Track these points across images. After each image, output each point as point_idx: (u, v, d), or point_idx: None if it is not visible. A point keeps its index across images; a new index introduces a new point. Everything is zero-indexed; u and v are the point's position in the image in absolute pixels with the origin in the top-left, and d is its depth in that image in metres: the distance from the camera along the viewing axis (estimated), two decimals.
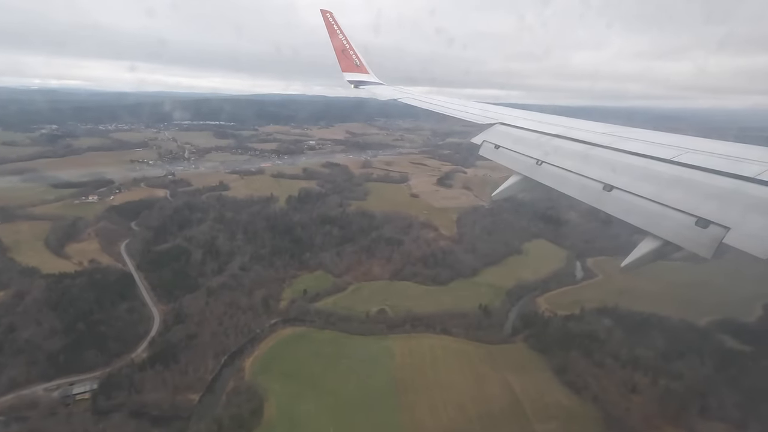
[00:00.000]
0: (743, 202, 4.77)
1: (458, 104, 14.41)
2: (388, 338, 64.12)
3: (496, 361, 58.09)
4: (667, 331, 64.24)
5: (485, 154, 9.78)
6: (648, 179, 6.00)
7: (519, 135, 9.73)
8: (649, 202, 5.61)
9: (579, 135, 8.32)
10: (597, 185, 6.50)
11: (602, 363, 54.46)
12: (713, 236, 4.58)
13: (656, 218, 5.38)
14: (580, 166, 7.15)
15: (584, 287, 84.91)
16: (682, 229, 4.96)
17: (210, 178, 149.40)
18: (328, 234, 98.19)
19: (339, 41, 19.33)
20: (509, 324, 69.39)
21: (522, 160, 8.52)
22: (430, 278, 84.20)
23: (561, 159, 7.67)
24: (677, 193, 5.43)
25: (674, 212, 5.20)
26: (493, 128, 10.63)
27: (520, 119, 10.90)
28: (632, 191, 5.97)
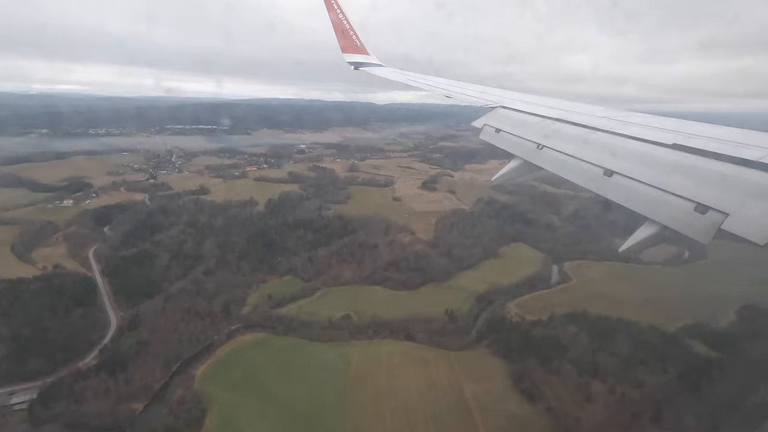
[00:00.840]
0: (743, 187, 4.70)
1: (458, 86, 14.05)
2: (348, 345, 62.74)
3: (455, 368, 56.68)
4: (633, 337, 62.81)
5: (486, 138, 9.61)
6: (648, 164, 5.90)
7: (520, 119, 9.54)
8: (649, 188, 5.50)
9: (580, 119, 8.16)
10: (597, 170, 6.35)
11: (560, 370, 52.97)
12: (712, 222, 4.52)
13: (655, 203, 5.29)
14: (580, 150, 7.02)
15: (557, 292, 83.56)
16: (680, 215, 4.90)
17: (192, 181, 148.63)
18: (301, 238, 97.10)
19: (338, 21, 18.80)
20: (476, 330, 67.86)
21: (522, 144, 8.28)
22: (401, 283, 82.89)
23: (561, 143, 7.52)
24: (677, 179, 5.36)
25: (673, 197, 5.13)
26: (494, 112, 10.33)
27: (521, 102, 10.64)
28: (632, 176, 5.85)
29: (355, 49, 19.13)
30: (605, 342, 60.35)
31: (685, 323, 70.83)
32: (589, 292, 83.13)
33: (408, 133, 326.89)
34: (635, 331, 64.94)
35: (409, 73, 17.63)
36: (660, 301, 79.70)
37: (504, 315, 71.91)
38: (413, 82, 16.06)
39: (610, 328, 64.92)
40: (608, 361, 55.03)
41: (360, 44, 19.33)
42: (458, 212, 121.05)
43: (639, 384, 51.40)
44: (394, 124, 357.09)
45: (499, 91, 12.44)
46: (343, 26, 19.00)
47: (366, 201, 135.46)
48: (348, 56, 19.00)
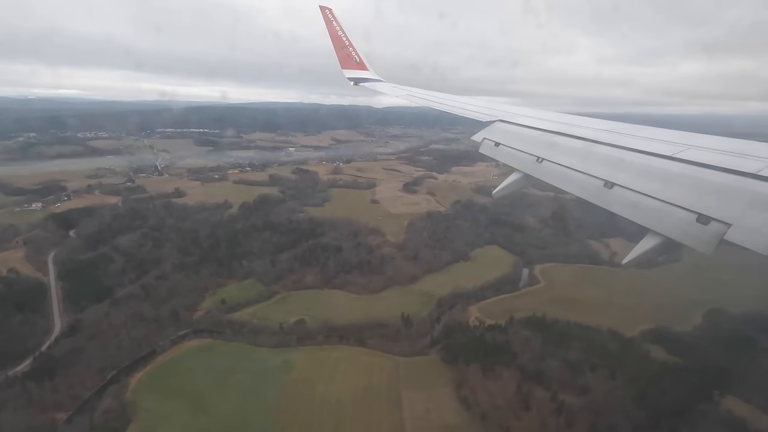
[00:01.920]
0: (745, 198, 4.66)
1: (457, 101, 14.00)
2: (295, 350, 61.11)
3: (399, 375, 54.98)
4: (588, 342, 61.06)
5: (485, 151, 9.54)
6: (649, 176, 5.86)
7: (519, 132, 9.53)
8: (650, 199, 5.45)
9: (580, 132, 8.16)
10: (598, 182, 6.30)
11: (502, 377, 51.16)
12: (714, 233, 4.52)
13: (657, 215, 5.25)
14: (580, 163, 6.98)
15: (522, 295, 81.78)
16: (683, 226, 4.90)
17: (170, 184, 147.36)
18: (267, 241, 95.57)
19: (338, 38, 19.11)
20: (430, 335, 66.06)
21: (522, 157, 8.25)
22: (362, 287, 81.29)
23: (562, 156, 7.49)
24: (678, 190, 5.32)
25: (675, 209, 5.10)
26: (493, 126, 10.30)
27: (520, 116, 10.61)
28: (633, 188, 5.78)
29: (355, 65, 19.29)
30: (558, 347, 58.58)
31: (647, 327, 69.17)
32: (554, 295, 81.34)
33: (401, 136, 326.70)
34: (592, 335, 63.24)
35: (407, 88, 17.71)
36: (626, 304, 78.05)
37: (462, 320, 70.16)
38: (412, 98, 16.09)
39: (566, 332, 63.23)
40: (556, 367, 53.20)
41: (359, 60, 19.48)
42: (433, 214, 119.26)
43: (582, 391, 49.57)
44: (389, 127, 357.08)
45: (498, 105, 12.36)
46: (343, 43, 19.17)
47: (343, 203, 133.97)
48: (347, 72, 19.12)
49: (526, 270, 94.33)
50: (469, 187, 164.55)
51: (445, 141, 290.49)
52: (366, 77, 19.14)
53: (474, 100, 13.70)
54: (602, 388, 49.90)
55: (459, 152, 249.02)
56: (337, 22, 19.01)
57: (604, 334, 63.70)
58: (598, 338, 62.24)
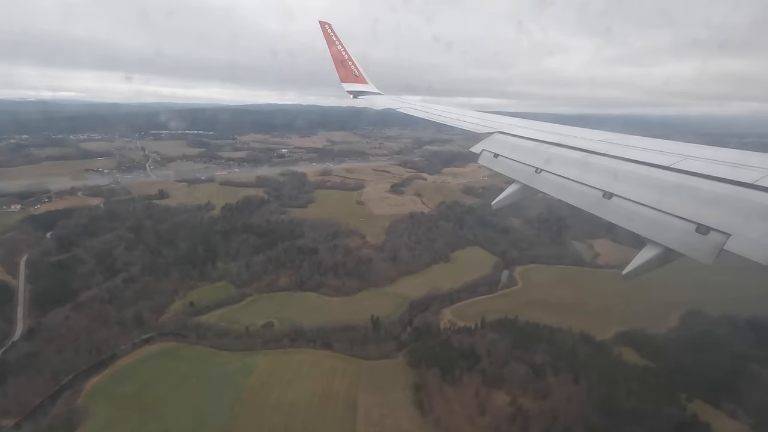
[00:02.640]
0: (744, 208, 4.66)
1: (455, 113, 14.17)
2: (259, 354, 60.00)
3: (361, 379, 53.85)
4: (558, 345, 59.82)
5: (484, 163, 9.55)
6: (647, 186, 5.83)
7: (517, 144, 9.59)
8: (649, 209, 5.40)
9: (578, 143, 8.20)
10: (596, 193, 6.32)
11: (460, 381, 49.94)
12: (714, 243, 4.50)
13: (656, 225, 5.19)
14: (579, 173, 7.00)
15: (498, 297, 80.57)
16: (682, 236, 4.82)
17: (155, 186, 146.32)
18: (244, 243, 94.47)
19: (338, 52, 19.51)
20: (398, 338, 64.85)
21: (521, 168, 8.28)
22: (336, 289, 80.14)
23: (560, 167, 7.54)
24: (677, 200, 5.30)
25: (674, 219, 5.05)
26: (491, 137, 10.37)
27: (518, 128, 10.73)
28: (632, 198, 5.74)
29: (354, 79, 19.69)
30: (525, 350, 57.34)
31: (622, 329, 67.97)
32: (531, 297, 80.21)
33: (396, 137, 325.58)
34: (562, 338, 61.92)
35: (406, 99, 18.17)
36: (604, 306, 76.91)
37: (434, 322, 68.98)
38: (410, 110, 16.21)
39: (535, 335, 61.96)
40: (518, 371, 51.96)
41: (359, 73, 19.91)
42: (416, 216, 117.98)
43: (543, 395, 48.35)
44: (386, 129, 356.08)
45: (496, 117, 12.46)
46: (342, 57, 19.53)
47: (327, 205, 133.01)
48: (347, 85, 19.55)
49: (507, 272, 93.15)
50: (457, 188, 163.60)
51: (439, 142, 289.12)
52: (365, 90, 19.73)
53: (471, 112, 13.91)
54: (564, 392, 48.65)
55: (451, 153, 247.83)
56: (336, 37, 19.35)
57: (574, 337, 62.41)
58: (568, 341, 60.96)
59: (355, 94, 19.56)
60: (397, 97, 19.01)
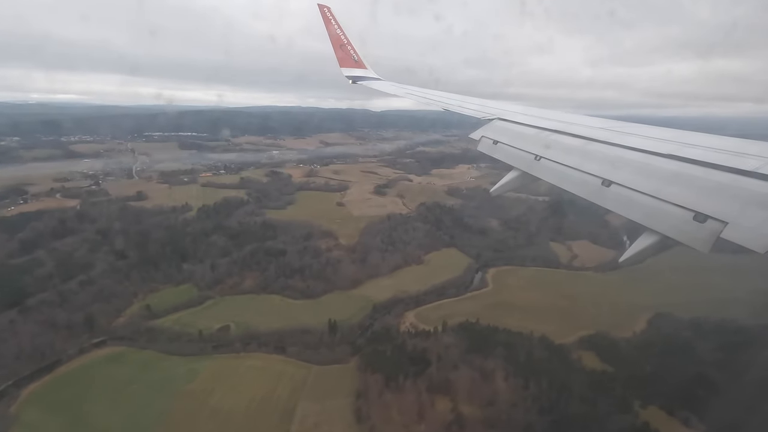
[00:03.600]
0: (741, 196, 4.67)
1: (456, 99, 13.94)
2: (209, 358, 58.57)
3: (306, 385, 52.35)
4: (514, 349, 58.09)
5: (483, 149, 9.41)
6: (646, 174, 5.82)
7: (517, 131, 9.48)
8: (648, 197, 5.42)
9: (577, 130, 8.06)
10: (596, 180, 6.24)
11: (403, 387, 48.31)
12: (711, 231, 4.52)
13: (654, 213, 5.21)
14: (578, 161, 6.92)
15: (465, 300, 78.95)
16: (680, 224, 4.85)
17: (136, 187, 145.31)
18: (213, 245, 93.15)
19: (337, 36, 18.94)
20: (353, 342, 63.25)
21: (520, 155, 8.23)
22: (300, 291, 78.62)
23: (559, 154, 7.46)
24: (675, 188, 5.31)
25: (672, 207, 5.08)
26: (491, 124, 10.26)
27: (518, 114, 10.58)
28: (630, 186, 5.76)
29: (353, 64, 19.17)
30: (479, 355, 55.66)
31: (587, 333, 66.28)
32: (499, 299, 78.66)
33: (392, 139, 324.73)
34: (520, 342, 60.21)
35: (406, 86, 17.54)
36: (573, 308, 75.38)
37: (392, 326, 67.39)
38: (410, 95, 15.93)
39: (493, 339, 60.23)
40: (467, 376, 50.29)
41: (358, 58, 19.38)
42: (393, 217, 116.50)
43: (488, 402, 46.69)
44: (383, 130, 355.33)
45: (496, 104, 12.36)
46: (341, 41, 19.05)
47: (307, 206, 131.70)
48: (346, 70, 19.01)
49: (479, 274, 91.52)
50: (441, 189, 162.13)
51: (434, 143, 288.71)
52: (364, 75, 19.11)
53: (472, 99, 13.64)
54: (510, 398, 46.99)
55: (443, 154, 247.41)
56: (335, 21, 18.88)
57: (533, 341, 60.73)
58: (525, 345, 59.27)
59: (355, 79, 18.85)
60: (397, 84, 18.26)
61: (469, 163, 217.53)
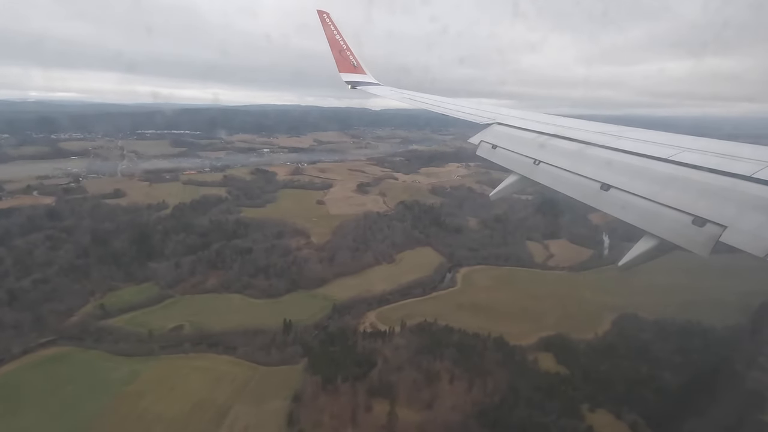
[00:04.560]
0: (739, 200, 4.69)
1: (453, 103, 14.04)
2: (154, 360, 57.13)
3: (247, 387, 51.00)
4: (467, 350, 56.57)
5: (482, 154, 9.26)
6: (644, 178, 5.87)
7: (516, 135, 9.43)
8: (646, 201, 5.45)
9: (576, 134, 8.04)
10: (594, 184, 6.24)
11: (345, 390, 46.83)
12: (710, 235, 4.53)
13: (653, 217, 5.25)
14: (577, 165, 6.95)
15: (430, 299, 77.44)
16: (678, 228, 4.86)
17: (117, 185, 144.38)
18: (181, 243, 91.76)
19: (336, 42, 19.14)
20: (304, 343, 61.75)
21: (519, 160, 8.18)
22: (263, 291, 77.21)
23: (558, 158, 7.47)
24: (673, 192, 5.34)
25: (670, 211, 5.10)
26: (490, 128, 10.26)
27: (517, 119, 10.61)
28: (629, 190, 5.79)
29: (352, 69, 19.35)
30: (428, 356, 54.15)
31: (548, 334, 64.78)
32: (464, 299, 77.15)
33: (387, 138, 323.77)
34: (475, 343, 58.73)
35: (404, 91, 17.74)
36: (539, 308, 73.83)
37: (349, 327, 65.92)
38: (408, 100, 16.07)
39: (447, 341, 58.70)
40: (410, 378, 48.81)
41: (357, 64, 19.53)
42: (369, 215, 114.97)
43: (428, 405, 45.23)
44: (379, 129, 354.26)
45: (494, 108, 12.36)
46: (340, 47, 19.19)
47: (286, 204, 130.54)
48: (345, 75, 19.19)
49: (450, 273, 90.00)
50: (425, 187, 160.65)
51: (427, 142, 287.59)
52: (363, 81, 19.29)
53: (470, 103, 13.74)
54: (451, 401, 45.49)
55: (435, 153, 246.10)
56: (334, 26, 19.00)
57: (488, 342, 59.18)
58: (481, 346, 57.76)
59: (354, 84, 19.05)
60: (396, 89, 18.55)
61: (460, 161, 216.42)
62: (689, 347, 58.30)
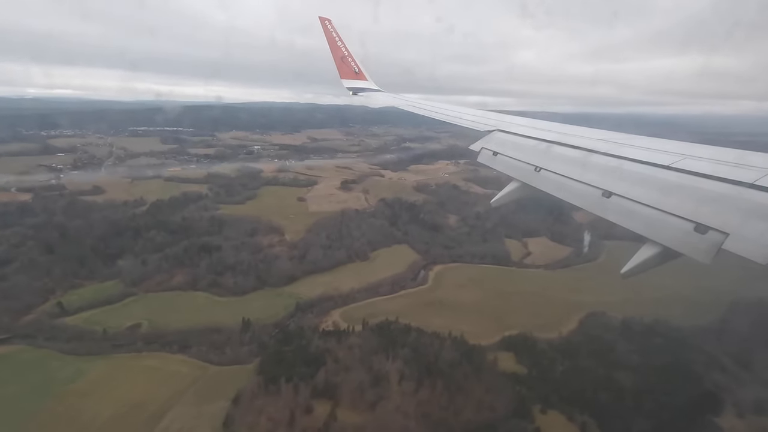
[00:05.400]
0: (742, 207, 4.64)
1: (455, 110, 13.95)
2: (104, 359, 55.91)
3: (193, 387, 49.78)
4: (423, 350, 55.29)
5: (484, 161, 9.23)
6: (646, 185, 5.80)
7: (517, 142, 9.44)
8: (648, 208, 5.39)
9: (577, 142, 8.02)
10: (596, 191, 6.21)
11: (288, 390, 45.45)
12: (712, 242, 4.49)
13: (655, 224, 5.18)
14: (578, 172, 6.91)
15: (397, 298, 76.14)
16: (681, 235, 4.81)
17: (97, 182, 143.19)
18: (151, 240, 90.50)
19: (338, 49, 19.28)
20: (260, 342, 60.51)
21: (520, 166, 8.16)
22: (228, 289, 75.94)
23: (559, 165, 7.43)
24: (676, 199, 5.28)
25: (673, 218, 5.04)
26: (491, 135, 10.16)
27: (518, 126, 10.56)
28: (631, 197, 5.74)
29: (354, 75, 19.43)
30: (382, 356, 52.85)
31: (512, 333, 63.48)
32: (432, 297, 75.99)
33: (382, 135, 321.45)
34: (433, 343, 57.39)
35: (406, 97, 17.76)
36: (507, 307, 72.59)
37: (309, 326, 64.63)
38: (410, 106, 15.96)
39: (403, 340, 57.37)
40: (357, 379, 47.51)
41: (358, 70, 19.59)
42: (348, 213, 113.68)
43: (371, 406, 43.97)
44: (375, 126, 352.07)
45: (495, 115, 12.24)
46: (342, 53, 19.28)
47: (266, 201, 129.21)
48: (346, 82, 19.28)
49: (423, 271, 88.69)
50: (410, 184, 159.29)
51: (422, 139, 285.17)
52: (364, 87, 19.39)
53: (470, 110, 13.70)
54: (396, 403, 44.21)
55: (427, 150, 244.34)
56: (336, 33, 19.08)
57: (449, 341, 57.86)
58: (438, 346, 56.41)
59: (355, 90, 19.20)
60: (397, 95, 18.68)
61: (451, 159, 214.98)
62: (651, 347, 57.01)
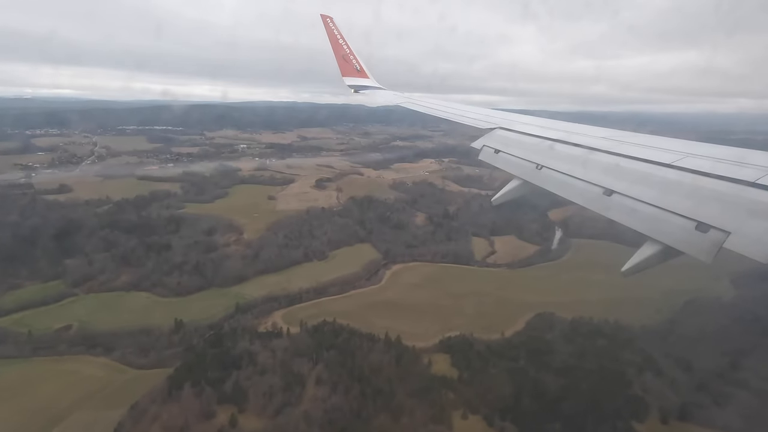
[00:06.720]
0: (743, 206, 4.62)
1: (457, 108, 13.77)
2: (22, 362, 54.00)
3: (104, 392, 47.89)
4: (351, 352, 53.18)
5: (485, 158, 9.23)
6: (647, 183, 5.82)
7: (518, 139, 9.43)
8: (649, 207, 5.39)
9: (579, 140, 8.03)
10: (597, 189, 6.21)
11: (182, 395, 43.37)
12: (713, 241, 4.47)
13: (656, 222, 5.17)
14: (580, 170, 6.91)
15: (344, 298, 73.98)
16: (682, 234, 4.80)
17: (68, 180, 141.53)
18: (102, 239, 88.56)
19: (339, 46, 19.02)
20: (186, 346, 58.42)
21: (521, 164, 8.15)
22: (171, 289, 73.86)
23: (561, 163, 7.43)
24: (677, 198, 5.27)
25: (674, 216, 5.02)
26: (492, 133, 10.11)
27: (519, 124, 10.46)
28: (632, 195, 5.74)
29: (355, 73, 19.22)
30: (305, 359, 50.79)
31: (453, 334, 61.31)
32: (381, 297, 73.94)
33: (374, 133, 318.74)
34: (364, 345, 55.29)
35: (407, 95, 17.53)
36: (454, 307, 70.57)
37: (245, 327, 62.56)
38: (411, 105, 15.93)
39: (333, 342, 55.27)
40: (269, 382, 45.40)
41: (360, 68, 19.39)
42: (313, 211, 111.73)
43: (278, 411, 41.85)
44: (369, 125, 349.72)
45: (498, 113, 12.27)
46: (344, 51, 19.05)
47: (236, 200, 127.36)
48: (348, 80, 19.04)
49: (381, 271, 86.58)
50: (386, 183, 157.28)
51: (413, 138, 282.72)
52: (366, 85, 19.20)
53: (473, 108, 13.66)
54: (305, 408, 42.13)
55: (415, 148, 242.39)
56: (338, 31, 18.91)
57: (382, 343, 55.74)
58: (368, 348, 54.31)
59: (357, 88, 18.90)
60: (399, 93, 18.31)
61: (436, 157, 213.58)
62: (592, 349, 54.85)
